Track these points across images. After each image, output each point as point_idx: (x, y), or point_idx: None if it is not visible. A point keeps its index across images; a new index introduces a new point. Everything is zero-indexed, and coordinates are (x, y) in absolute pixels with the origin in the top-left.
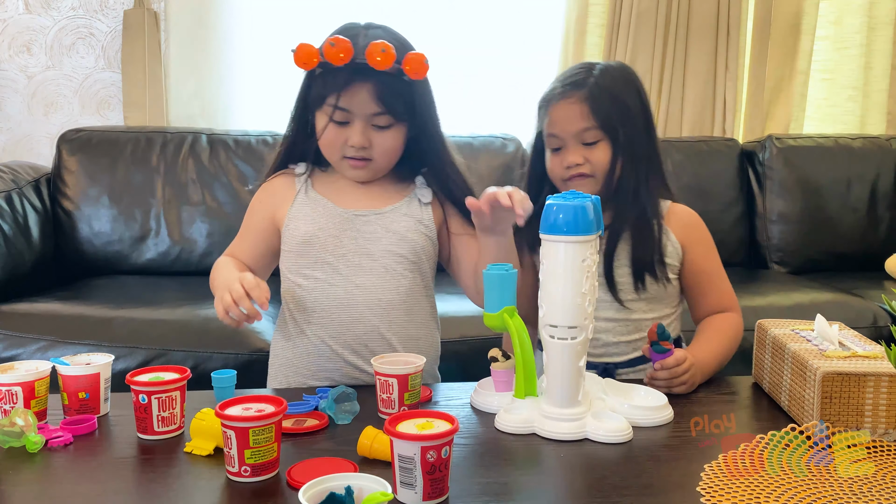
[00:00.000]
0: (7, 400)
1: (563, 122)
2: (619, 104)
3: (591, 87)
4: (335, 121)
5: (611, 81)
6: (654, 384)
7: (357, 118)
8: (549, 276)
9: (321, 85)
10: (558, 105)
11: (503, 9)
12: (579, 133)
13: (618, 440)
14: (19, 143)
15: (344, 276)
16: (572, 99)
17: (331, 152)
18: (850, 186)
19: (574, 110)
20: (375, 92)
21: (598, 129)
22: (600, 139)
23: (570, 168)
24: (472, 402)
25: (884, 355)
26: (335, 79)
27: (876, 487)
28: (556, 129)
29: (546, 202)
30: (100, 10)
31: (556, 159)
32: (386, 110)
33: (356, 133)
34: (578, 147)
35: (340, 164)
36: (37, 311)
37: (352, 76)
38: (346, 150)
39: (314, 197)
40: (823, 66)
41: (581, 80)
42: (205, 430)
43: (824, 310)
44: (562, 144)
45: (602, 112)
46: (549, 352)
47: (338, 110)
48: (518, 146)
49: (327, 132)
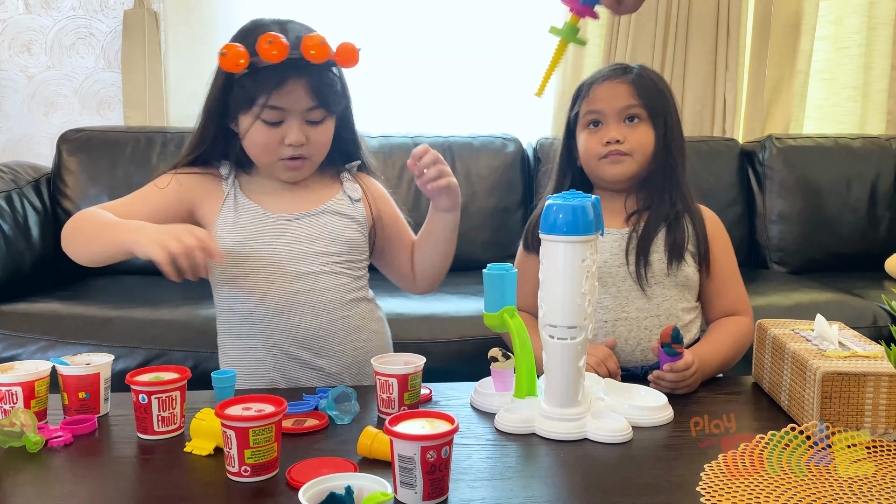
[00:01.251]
0: (7, 400)
1: (608, 98)
2: (662, 94)
3: (637, 74)
4: (267, 121)
5: (653, 75)
6: (659, 384)
7: (291, 115)
8: (548, 276)
9: (249, 86)
10: (602, 85)
11: (503, 9)
12: (623, 109)
13: (618, 440)
14: (19, 143)
15: (279, 283)
16: (618, 80)
17: (264, 155)
18: (850, 186)
19: (620, 89)
20: (310, 86)
21: (642, 108)
22: (643, 119)
23: (609, 144)
24: (472, 402)
25: (884, 355)
26: (267, 78)
27: (876, 487)
28: (598, 105)
29: (546, 202)
30: (100, 10)
31: (595, 136)
32: (320, 104)
33: (294, 131)
34: (620, 124)
35: (274, 167)
36: (37, 311)
37: (286, 73)
38: (283, 150)
39: (244, 204)
40: (823, 66)
41: (625, 68)
42: (205, 430)
43: (824, 310)
44: (602, 119)
45: (647, 94)
46: (549, 352)
47: (271, 110)
48: (518, 146)
49: (259, 134)
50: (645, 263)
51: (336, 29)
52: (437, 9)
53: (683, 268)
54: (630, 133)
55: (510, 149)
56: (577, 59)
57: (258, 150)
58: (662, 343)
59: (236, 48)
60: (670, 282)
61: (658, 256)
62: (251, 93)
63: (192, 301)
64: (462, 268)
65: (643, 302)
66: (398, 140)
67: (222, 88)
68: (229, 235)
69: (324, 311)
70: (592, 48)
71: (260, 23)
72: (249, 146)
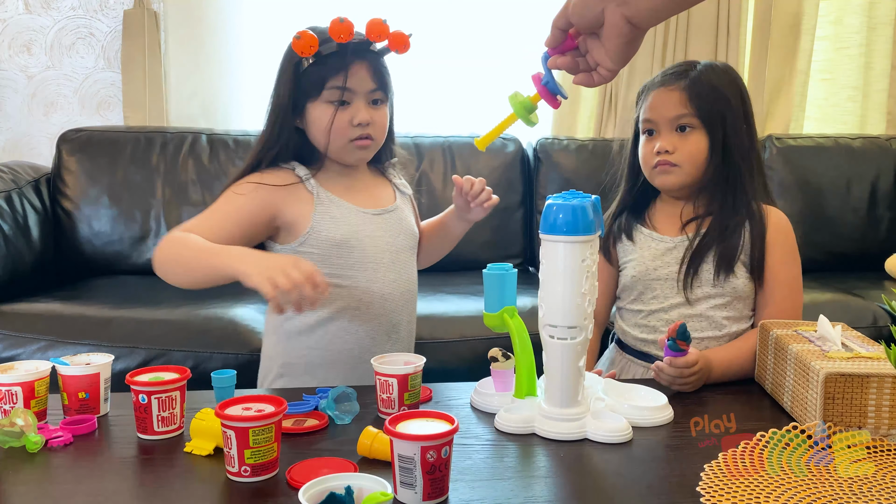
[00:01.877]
0: (7, 400)
1: (660, 106)
2: (720, 98)
3: (693, 78)
4: (335, 102)
5: (713, 76)
6: (659, 376)
7: (357, 97)
8: (548, 276)
9: (319, 71)
10: (657, 91)
11: (503, 9)
12: (674, 119)
13: (617, 440)
14: (19, 143)
15: (380, 273)
16: (672, 86)
17: (335, 138)
18: (850, 186)
19: (672, 97)
20: (372, 69)
21: (695, 116)
22: (695, 127)
23: (658, 154)
24: (472, 402)
25: (886, 356)
26: (334, 62)
27: (876, 487)
28: (651, 113)
29: (546, 202)
30: (100, 10)
31: (648, 145)
32: (380, 86)
33: (361, 110)
34: (671, 134)
35: (346, 148)
36: (37, 311)
37: (352, 56)
38: (352, 131)
39: (335, 200)
40: (823, 66)
41: (683, 71)
42: (205, 430)
43: (824, 310)
44: (655, 128)
45: (700, 101)
46: (549, 352)
47: (339, 91)
48: (518, 146)
49: (328, 117)
50: (694, 273)
51: None
52: (437, 9)
53: (732, 280)
54: (681, 143)
55: (510, 149)
56: None
57: (333, 133)
58: (668, 337)
59: (309, 33)
60: (717, 291)
61: (707, 267)
62: (320, 78)
63: (192, 301)
64: (462, 268)
65: (685, 308)
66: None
67: (291, 82)
68: (331, 231)
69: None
70: None
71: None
72: (319, 132)
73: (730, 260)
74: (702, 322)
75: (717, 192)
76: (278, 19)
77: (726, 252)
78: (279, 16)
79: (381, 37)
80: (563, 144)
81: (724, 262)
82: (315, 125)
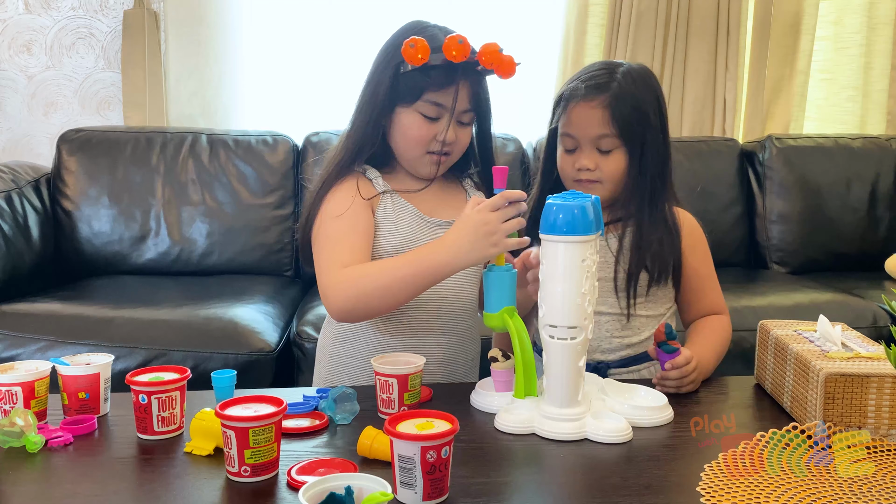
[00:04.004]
0: (7, 400)
1: (582, 124)
2: (640, 112)
3: (614, 92)
4: (427, 116)
5: (633, 87)
6: (664, 385)
7: (447, 113)
8: (548, 276)
9: (420, 80)
10: (578, 106)
11: (503, 9)
12: (596, 139)
13: (618, 440)
14: (19, 143)
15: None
16: (593, 102)
17: (416, 148)
18: (850, 186)
19: (594, 115)
20: (471, 90)
21: (616, 137)
22: (616, 147)
23: (580, 171)
24: (472, 402)
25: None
26: (438, 75)
27: (876, 487)
28: (572, 129)
29: (546, 202)
30: (100, 10)
31: (569, 159)
32: (472, 108)
33: (448, 128)
34: (593, 152)
35: (421, 160)
36: (37, 311)
37: (455, 75)
38: (433, 145)
39: (400, 203)
40: (823, 66)
41: (604, 83)
42: (205, 430)
43: (824, 310)
44: (576, 146)
45: (622, 120)
46: (549, 352)
47: (433, 106)
48: (518, 146)
49: (415, 128)
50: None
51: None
52: (437, 9)
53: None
54: (603, 161)
55: (510, 149)
56: (577, 57)
57: (410, 143)
58: (659, 343)
59: (424, 43)
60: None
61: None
62: (420, 87)
63: (192, 301)
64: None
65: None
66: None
67: (390, 81)
68: (391, 235)
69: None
70: (592, 48)
71: (424, 25)
72: (402, 138)
73: (661, 273)
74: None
75: (633, 200)
76: (278, 19)
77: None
78: (279, 16)
79: (492, 64)
80: None
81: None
82: (401, 131)
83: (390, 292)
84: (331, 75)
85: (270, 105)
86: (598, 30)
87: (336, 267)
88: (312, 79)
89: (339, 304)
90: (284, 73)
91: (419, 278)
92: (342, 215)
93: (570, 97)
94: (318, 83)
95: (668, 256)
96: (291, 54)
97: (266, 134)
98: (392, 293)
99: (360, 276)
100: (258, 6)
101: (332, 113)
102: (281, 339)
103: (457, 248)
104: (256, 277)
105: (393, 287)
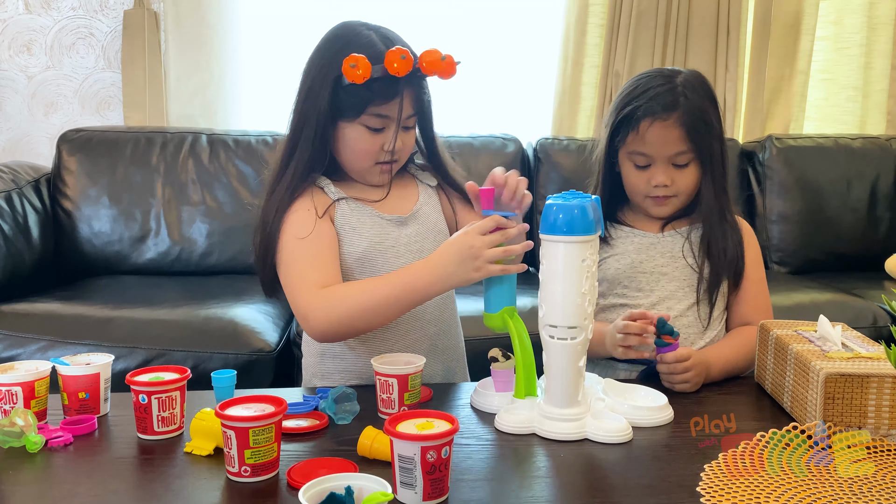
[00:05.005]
0: (7, 400)
1: (658, 143)
2: (706, 123)
3: (685, 108)
4: (372, 128)
5: (698, 99)
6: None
7: (393, 123)
8: (548, 276)
9: (363, 94)
10: (653, 126)
11: (503, 9)
12: (672, 156)
13: (618, 440)
14: (19, 143)
15: None
16: (668, 122)
17: (363, 160)
18: (850, 186)
19: (670, 134)
20: (415, 97)
21: (691, 151)
22: (691, 161)
23: (657, 187)
24: (472, 402)
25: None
26: (382, 88)
27: (876, 487)
28: (647, 148)
29: (546, 202)
30: (100, 10)
31: (642, 176)
32: (415, 112)
33: (393, 138)
34: (668, 168)
35: (370, 171)
36: (37, 311)
37: (399, 85)
38: (382, 155)
39: (356, 206)
40: (823, 66)
41: (673, 99)
42: (205, 430)
43: (824, 310)
44: (650, 163)
45: (696, 134)
46: (549, 352)
47: (378, 118)
48: (518, 146)
49: (362, 141)
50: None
51: None
52: (437, 9)
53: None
54: (678, 176)
55: (510, 149)
56: (577, 58)
57: (358, 156)
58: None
59: (365, 61)
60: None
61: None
62: (363, 101)
63: (192, 301)
64: None
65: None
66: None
67: (330, 96)
68: (357, 240)
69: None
70: (592, 48)
71: (356, 30)
72: (349, 152)
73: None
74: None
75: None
76: (278, 19)
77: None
78: (279, 16)
79: (434, 72)
80: (563, 144)
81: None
82: (347, 145)
83: (374, 312)
84: None
85: (271, 105)
86: (598, 30)
87: (312, 288)
88: None
89: (322, 326)
90: (285, 73)
91: (403, 299)
92: (307, 237)
93: (642, 115)
94: None
95: (740, 262)
96: (292, 54)
97: (266, 134)
98: (376, 313)
99: (343, 297)
100: (258, 6)
101: None
102: (281, 339)
103: (441, 269)
104: (256, 277)
105: (377, 308)
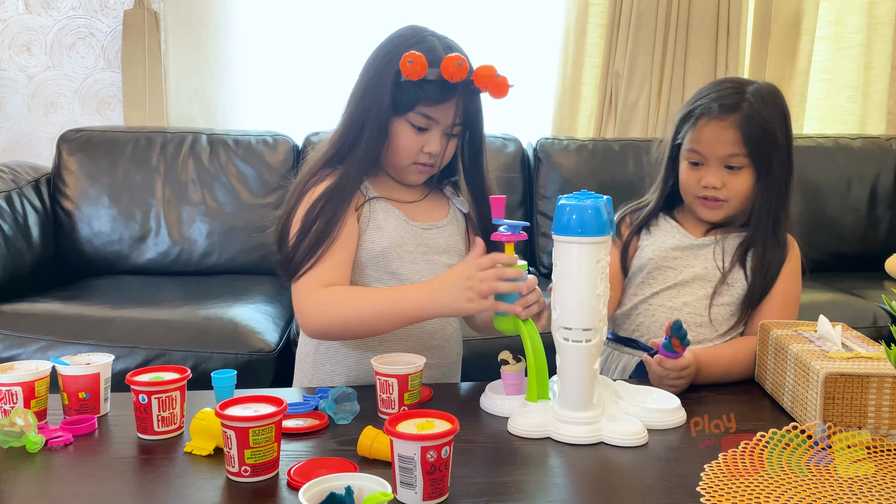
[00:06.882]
0: (7, 400)
1: (712, 142)
2: (768, 132)
3: (745, 112)
4: (416, 127)
5: (763, 107)
6: (649, 368)
7: (437, 126)
8: (562, 277)
9: (415, 93)
10: (709, 124)
11: (503, 9)
12: (725, 157)
13: (633, 443)
14: (19, 143)
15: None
16: (725, 122)
17: (403, 157)
18: (850, 186)
19: (726, 134)
20: (461, 106)
21: (745, 156)
22: (744, 166)
23: (706, 188)
24: (482, 404)
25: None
26: (434, 90)
27: (876, 487)
28: (701, 147)
29: (558, 203)
30: (100, 10)
31: (694, 174)
32: (461, 122)
33: (436, 142)
34: (720, 170)
35: (407, 169)
36: (37, 311)
37: (451, 92)
38: (421, 156)
39: (386, 207)
40: (823, 66)
41: (735, 102)
42: (205, 430)
43: (824, 310)
44: (703, 161)
45: (752, 140)
46: (564, 354)
47: (424, 118)
48: (518, 146)
49: (405, 138)
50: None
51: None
52: (437, 9)
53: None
54: (730, 180)
55: (510, 149)
56: (577, 58)
57: (398, 152)
58: (665, 338)
59: (423, 59)
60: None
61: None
62: (414, 99)
63: (192, 301)
64: None
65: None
66: None
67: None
68: (378, 238)
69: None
70: (592, 48)
71: (422, 34)
72: (391, 147)
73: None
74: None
75: (755, 222)
76: (278, 19)
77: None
78: (279, 16)
79: (486, 87)
80: (563, 144)
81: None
82: (392, 140)
83: (369, 323)
84: (331, 75)
85: (270, 105)
86: (598, 30)
87: (315, 286)
88: (312, 79)
89: (315, 326)
90: (284, 72)
91: (397, 316)
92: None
93: (702, 114)
94: (318, 83)
95: (774, 278)
96: (291, 54)
97: (266, 134)
98: (371, 324)
99: (342, 302)
100: (258, 6)
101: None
102: (281, 339)
103: (437, 294)
104: (256, 277)
105: (373, 319)
